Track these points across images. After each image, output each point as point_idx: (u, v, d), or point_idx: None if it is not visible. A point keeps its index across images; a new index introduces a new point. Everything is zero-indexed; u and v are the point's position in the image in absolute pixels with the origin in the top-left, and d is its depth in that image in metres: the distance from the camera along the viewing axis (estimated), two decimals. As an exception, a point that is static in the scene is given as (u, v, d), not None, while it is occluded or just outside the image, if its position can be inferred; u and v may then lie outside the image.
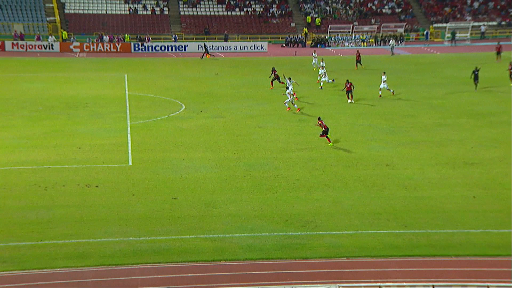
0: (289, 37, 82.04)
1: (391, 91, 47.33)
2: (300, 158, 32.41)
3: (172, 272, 20.64)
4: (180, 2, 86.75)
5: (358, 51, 63.24)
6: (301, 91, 47.70)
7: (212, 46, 76.31)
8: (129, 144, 34.36)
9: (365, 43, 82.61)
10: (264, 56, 72.25)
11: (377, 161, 32.04)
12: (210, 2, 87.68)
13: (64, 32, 76.87)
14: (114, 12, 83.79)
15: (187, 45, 75.62)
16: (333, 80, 51.12)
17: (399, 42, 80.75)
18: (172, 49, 75.17)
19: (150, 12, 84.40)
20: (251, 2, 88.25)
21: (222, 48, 76.64)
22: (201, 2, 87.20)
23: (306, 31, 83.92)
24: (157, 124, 39.10)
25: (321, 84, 50.91)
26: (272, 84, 50.03)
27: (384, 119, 40.73)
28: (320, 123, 34.94)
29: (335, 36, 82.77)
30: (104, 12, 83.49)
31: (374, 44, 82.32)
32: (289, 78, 44.63)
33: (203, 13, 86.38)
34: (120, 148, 33.72)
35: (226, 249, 22.21)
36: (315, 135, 36.13)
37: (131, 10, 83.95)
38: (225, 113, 42.15)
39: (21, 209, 25.07)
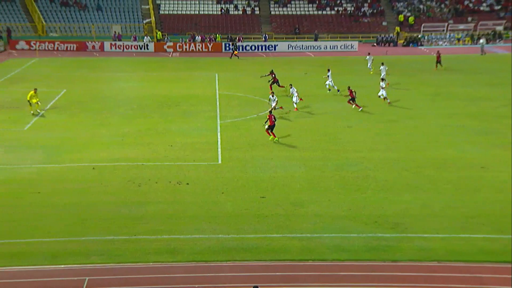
0: (380, 36, 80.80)
1: (388, 100, 43.92)
2: (389, 159, 31.89)
3: (260, 270, 20.81)
4: (271, 2, 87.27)
5: (438, 51, 61.46)
6: (391, 92, 46.81)
7: (302, 45, 76.40)
8: (219, 143, 34.92)
9: (460, 42, 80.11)
10: (354, 56, 71.48)
11: (469, 163, 31.05)
12: (300, 2, 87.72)
13: (159, 33, 79.07)
14: (207, 13, 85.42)
15: (277, 45, 75.98)
16: (338, 90, 47.93)
17: (497, 40, 77.72)
18: (262, 49, 75.77)
19: (241, 12, 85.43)
20: (342, 1, 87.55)
21: (311, 47, 76.50)
22: (292, 2, 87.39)
23: (399, 30, 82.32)
24: (246, 123, 39.51)
25: (328, 87, 48.43)
26: (271, 88, 47.20)
27: (477, 120, 39.42)
28: (268, 117, 34.85)
29: (428, 35, 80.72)
30: (197, 12, 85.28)
31: (470, 43, 79.59)
32: (291, 85, 43.39)
33: (294, 12, 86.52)
34: (210, 146, 34.33)
35: (314, 249, 22.16)
36: (404, 135, 35.47)
37: (222, 10, 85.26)
38: (313, 112, 42.05)
39: (116, 204, 25.99)
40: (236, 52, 69.82)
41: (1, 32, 76.79)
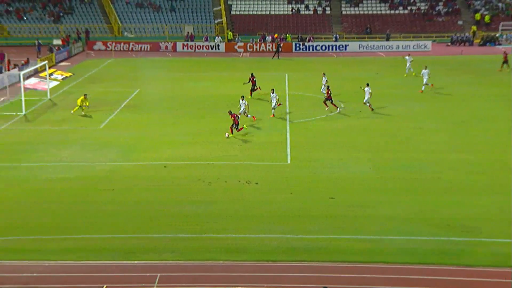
0: (455, 35, 78.82)
1: (371, 106, 41.77)
2: (462, 161, 31.10)
3: (328, 271, 20.70)
4: (342, 2, 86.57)
5: (505, 51, 59.26)
6: (459, 92, 45.50)
7: (373, 45, 75.48)
8: (288, 143, 34.94)
9: (541, 41, 77.09)
10: (427, 56, 70.01)
11: (549, 167, 29.90)
12: (372, 1, 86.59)
13: (230, 33, 79.81)
14: (277, 13, 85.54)
15: (348, 45, 75.32)
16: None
17: None
18: (332, 49, 75.26)
19: (312, 12, 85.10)
20: (416, 0, 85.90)
21: (383, 47, 75.44)
22: (364, 1, 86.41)
23: (475, 29, 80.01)
24: (316, 123, 39.38)
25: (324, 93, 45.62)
26: (251, 94, 46.34)
27: (559, 122, 37.89)
28: (231, 116, 35.38)
29: (507, 34, 78.05)
30: (268, 12, 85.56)
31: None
32: (272, 90, 41.89)
33: (365, 12, 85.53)
34: (279, 146, 34.39)
35: (383, 251, 21.88)
36: (478, 137, 34.46)
37: (293, 10, 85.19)
38: (384, 113, 41.49)
39: (187, 203, 26.40)
40: (277, 55, 69.60)
41: (80, 33, 79.39)
